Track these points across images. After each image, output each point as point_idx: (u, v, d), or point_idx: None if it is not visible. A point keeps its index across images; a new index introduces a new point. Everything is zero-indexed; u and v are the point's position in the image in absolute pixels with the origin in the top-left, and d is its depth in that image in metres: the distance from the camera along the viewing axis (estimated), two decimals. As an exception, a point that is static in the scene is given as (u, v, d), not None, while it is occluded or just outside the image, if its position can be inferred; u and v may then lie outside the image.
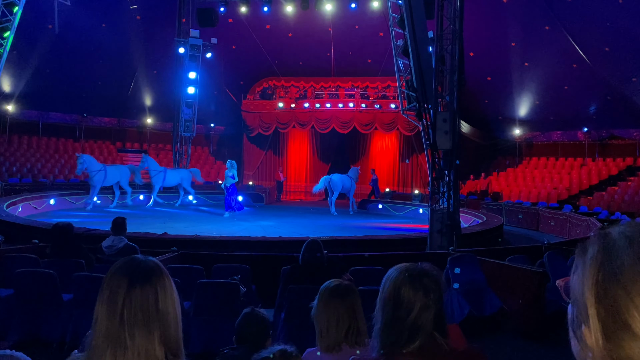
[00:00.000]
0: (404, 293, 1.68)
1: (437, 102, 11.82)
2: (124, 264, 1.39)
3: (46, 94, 21.94)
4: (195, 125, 21.61)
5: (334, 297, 2.36)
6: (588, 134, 21.89)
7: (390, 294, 1.71)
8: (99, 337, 1.31)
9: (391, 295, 1.70)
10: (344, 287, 2.44)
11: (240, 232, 12.49)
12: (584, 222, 14.28)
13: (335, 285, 2.44)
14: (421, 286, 1.69)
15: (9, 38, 15.35)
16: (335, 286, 2.43)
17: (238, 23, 22.00)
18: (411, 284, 1.69)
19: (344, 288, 2.42)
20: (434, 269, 1.77)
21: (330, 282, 2.47)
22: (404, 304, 1.67)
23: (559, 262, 7.11)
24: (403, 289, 1.69)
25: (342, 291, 2.39)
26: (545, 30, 18.88)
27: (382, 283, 1.77)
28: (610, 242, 0.81)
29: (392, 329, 1.68)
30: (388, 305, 1.70)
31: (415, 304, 1.66)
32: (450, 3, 11.59)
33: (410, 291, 1.68)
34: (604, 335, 0.78)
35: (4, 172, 20.23)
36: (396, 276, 1.73)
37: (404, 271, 1.74)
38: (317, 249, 5.25)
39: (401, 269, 1.75)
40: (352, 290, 2.42)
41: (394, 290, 1.70)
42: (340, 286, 2.43)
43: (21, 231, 10.30)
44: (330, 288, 2.41)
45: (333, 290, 2.39)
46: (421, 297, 1.67)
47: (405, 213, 19.36)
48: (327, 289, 2.41)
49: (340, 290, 2.39)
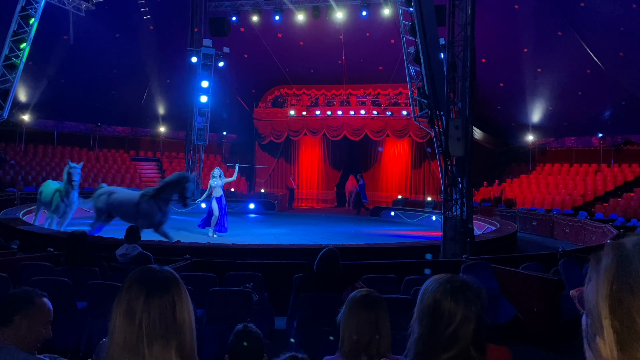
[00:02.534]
0: (445, 305, 1.64)
1: (449, 109, 11.79)
2: (142, 274, 1.39)
3: (61, 103, 22.25)
4: (207, 134, 21.74)
5: (359, 306, 2.34)
6: (603, 140, 21.65)
7: (430, 305, 1.66)
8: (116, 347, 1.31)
9: (430, 307, 1.66)
10: (371, 298, 2.40)
11: (253, 239, 12.52)
12: (600, 228, 14.10)
13: (362, 295, 2.41)
14: (463, 298, 1.64)
15: (25, 49, 15.61)
16: (362, 296, 2.40)
17: (250, 32, 22.16)
18: (453, 295, 1.65)
19: (371, 299, 2.39)
20: (476, 282, 1.73)
21: (358, 292, 2.45)
22: (445, 316, 1.63)
23: (574, 270, 7.02)
24: (444, 300, 1.65)
25: (368, 302, 2.36)
26: (558, 36, 18.77)
27: (421, 293, 1.73)
28: (624, 252, 0.80)
29: (428, 340, 1.64)
30: (427, 317, 1.66)
31: (456, 316, 1.62)
32: (461, 9, 11.58)
33: (451, 303, 1.64)
34: (618, 346, 0.77)
35: (20, 181, 20.50)
36: (436, 287, 1.69)
37: (444, 282, 1.70)
38: (335, 259, 5.21)
39: (441, 281, 1.71)
40: (378, 303, 2.38)
41: (434, 301, 1.66)
42: (368, 297, 2.40)
43: (37, 239, 10.42)
44: (357, 297, 2.39)
45: (359, 299, 2.37)
46: (462, 310, 1.63)
47: (418, 220, 19.27)
48: (354, 298, 2.39)
49: (367, 301, 2.36)
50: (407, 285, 6.14)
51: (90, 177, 22.67)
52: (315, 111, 24.44)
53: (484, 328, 1.70)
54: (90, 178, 22.62)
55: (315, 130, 24.25)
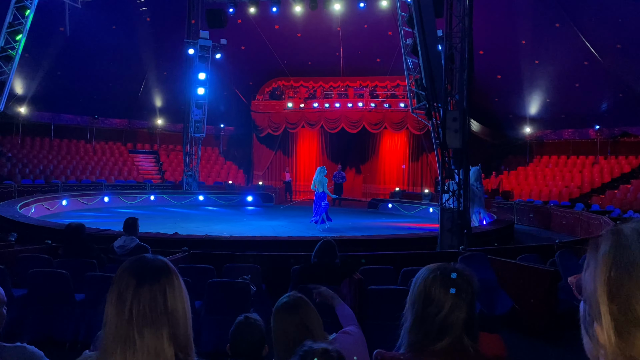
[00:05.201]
0: (435, 291, 1.64)
1: (447, 101, 11.78)
2: (132, 263, 1.40)
3: (58, 95, 22.15)
4: (205, 126, 21.70)
5: (283, 313, 2.24)
6: (600, 132, 21.68)
7: (421, 292, 1.66)
8: (109, 336, 1.32)
9: (421, 293, 1.66)
10: (291, 302, 2.28)
11: (251, 231, 12.53)
12: (596, 220, 14.15)
13: (283, 302, 2.29)
14: (453, 285, 1.64)
15: (21, 41, 15.53)
16: (283, 303, 2.28)
17: (247, 24, 22.05)
18: (442, 282, 1.65)
19: (291, 304, 2.27)
20: (466, 269, 1.72)
21: (281, 298, 2.33)
22: (434, 302, 1.63)
23: (570, 261, 7.06)
24: (434, 287, 1.65)
25: (289, 307, 2.25)
26: (555, 28, 18.73)
27: (413, 282, 1.73)
28: (622, 238, 0.80)
29: (420, 327, 1.64)
30: (418, 303, 1.66)
31: (445, 302, 1.62)
32: (459, 1, 11.54)
33: (441, 289, 1.64)
34: (616, 332, 0.77)
35: (17, 173, 20.45)
36: (427, 275, 1.69)
37: (435, 270, 1.70)
38: (332, 251, 5.20)
39: (432, 268, 1.71)
40: (299, 304, 2.27)
41: (425, 288, 1.66)
42: (289, 302, 2.28)
43: (34, 232, 10.41)
44: (279, 306, 2.27)
45: (281, 307, 2.26)
46: (452, 296, 1.62)
47: (415, 212, 19.31)
48: (277, 306, 2.28)
49: (287, 307, 2.25)
50: (404, 276, 6.17)
51: (88, 170, 22.63)
52: (313, 103, 24.39)
53: (476, 316, 1.70)
54: (87, 171, 22.59)
55: (313, 122, 24.22)
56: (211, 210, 19.45)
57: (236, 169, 26.17)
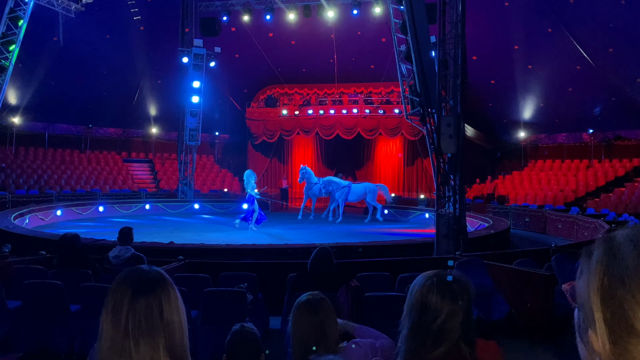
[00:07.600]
0: (431, 298, 1.64)
1: (441, 107, 11.81)
2: (128, 274, 1.40)
3: (52, 105, 22.11)
4: (200, 134, 21.70)
5: (303, 310, 2.28)
6: (593, 136, 21.80)
7: (417, 299, 1.67)
8: (104, 347, 1.31)
9: (418, 301, 1.67)
10: (314, 302, 2.32)
11: (247, 239, 12.50)
12: (592, 224, 14.20)
13: (306, 299, 2.34)
14: (449, 292, 1.65)
15: (14, 51, 15.52)
16: (305, 300, 2.33)
17: (241, 32, 22.11)
18: (439, 289, 1.65)
19: (314, 303, 2.31)
20: (463, 276, 1.73)
21: (304, 295, 2.37)
22: (431, 309, 1.63)
23: (567, 265, 7.06)
24: (430, 294, 1.65)
25: (311, 306, 2.29)
26: (548, 33, 18.86)
27: (410, 289, 1.73)
28: (615, 245, 0.81)
29: (417, 334, 1.64)
30: (414, 311, 1.66)
31: (442, 309, 1.62)
32: (452, 7, 11.61)
33: (437, 296, 1.64)
34: (610, 339, 0.77)
35: (11, 184, 20.35)
36: (424, 282, 1.70)
37: (432, 277, 1.70)
38: (328, 258, 5.18)
39: (429, 275, 1.72)
40: (322, 306, 2.30)
41: (421, 295, 1.67)
42: (311, 301, 2.32)
43: (28, 243, 10.34)
44: (301, 302, 2.32)
45: (302, 304, 2.31)
46: (449, 303, 1.63)
47: (411, 218, 19.31)
48: (298, 302, 2.32)
49: (309, 305, 2.29)
50: (401, 282, 6.15)
51: (82, 180, 22.55)
52: (308, 110, 24.43)
53: (474, 322, 1.70)
54: (82, 180, 22.51)
55: (308, 129, 24.24)
56: (207, 218, 19.39)
57: (231, 176, 26.12)
